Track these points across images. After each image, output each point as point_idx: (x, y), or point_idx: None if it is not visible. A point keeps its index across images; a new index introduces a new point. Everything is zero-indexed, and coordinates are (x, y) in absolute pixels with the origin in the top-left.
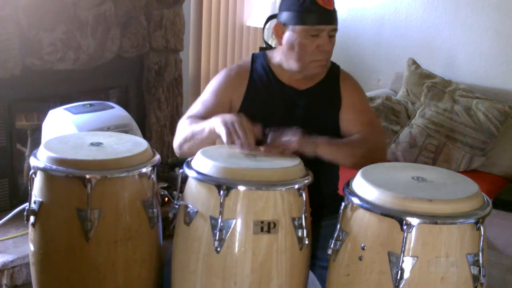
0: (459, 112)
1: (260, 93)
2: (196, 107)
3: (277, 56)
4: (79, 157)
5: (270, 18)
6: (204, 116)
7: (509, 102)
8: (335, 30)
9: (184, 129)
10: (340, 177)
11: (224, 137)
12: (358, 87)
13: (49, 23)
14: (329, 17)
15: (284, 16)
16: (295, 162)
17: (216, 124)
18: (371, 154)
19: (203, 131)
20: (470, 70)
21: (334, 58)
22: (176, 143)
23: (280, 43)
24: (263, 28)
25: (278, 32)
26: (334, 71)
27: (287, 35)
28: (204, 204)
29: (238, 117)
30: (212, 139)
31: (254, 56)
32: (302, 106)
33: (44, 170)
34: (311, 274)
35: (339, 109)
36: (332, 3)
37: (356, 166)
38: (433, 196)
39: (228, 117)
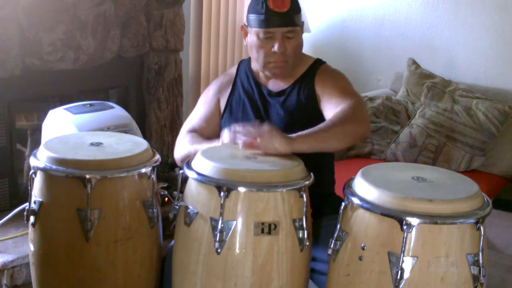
0: (459, 112)
1: (241, 97)
2: (193, 119)
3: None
4: (79, 157)
5: None
6: (201, 127)
7: (509, 102)
8: (293, 31)
9: (186, 145)
10: (338, 177)
11: (226, 137)
12: (334, 73)
13: (49, 23)
14: (280, 20)
15: (246, 17)
16: (296, 163)
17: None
18: (351, 128)
19: None
20: (470, 70)
21: (334, 58)
22: (178, 156)
23: (246, 43)
24: None
25: (244, 32)
26: (313, 68)
27: (248, 36)
28: (205, 205)
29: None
30: None
31: (240, 63)
32: (277, 108)
33: (44, 170)
34: (310, 282)
35: (318, 103)
36: (286, 5)
37: (342, 146)
38: (433, 196)
39: (231, 127)
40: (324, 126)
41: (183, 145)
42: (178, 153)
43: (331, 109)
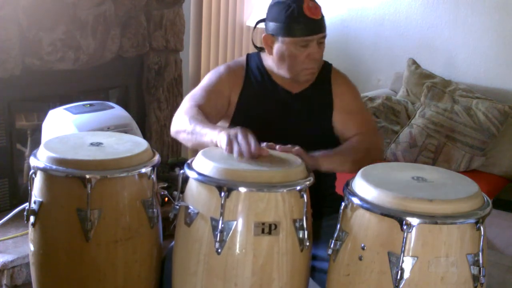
0: (459, 112)
1: (255, 92)
2: (198, 92)
3: (269, 60)
4: (79, 157)
5: (260, 21)
6: (208, 100)
7: (509, 102)
8: (324, 37)
9: (186, 120)
10: (339, 177)
11: (223, 145)
12: (350, 86)
13: (49, 23)
14: (317, 26)
15: (272, 27)
16: (297, 163)
17: (220, 136)
18: (368, 156)
19: (204, 135)
20: (470, 70)
21: (334, 58)
22: (174, 128)
23: (270, 53)
24: (254, 30)
25: (268, 42)
26: (325, 71)
27: (277, 46)
28: (205, 205)
29: (243, 129)
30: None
31: (248, 57)
32: (296, 109)
33: (44, 170)
34: (311, 281)
35: (332, 111)
36: (319, 12)
37: (355, 170)
38: (433, 196)
39: (233, 130)
40: (348, 149)
41: (182, 118)
42: (175, 124)
43: (347, 128)
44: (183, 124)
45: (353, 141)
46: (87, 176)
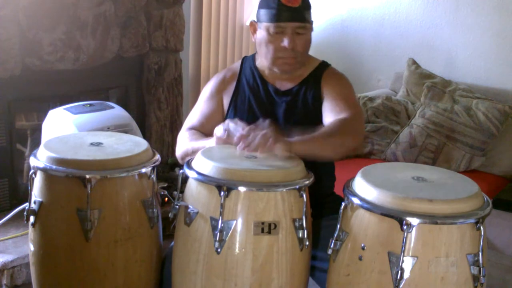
0: (459, 112)
1: (246, 93)
2: (193, 116)
3: (260, 58)
4: (79, 157)
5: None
6: (202, 124)
7: (509, 102)
8: (304, 27)
9: (185, 142)
10: (338, 177)
11: (219, 133)
12: (341, 80)
13: (49, 23)
14: (292, 14)
15: (257, 13)
16: (296, 163)
17: (218, 131)
18: (347, 141)
19: (203, 147)
20: (470, 70)
21: (334, 58)
22: (177, 154)
23: (254, 39)
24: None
25: (253, 28)
26: (319, 69)
27: (258, 32)
28: (205, 205)
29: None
30: None
31: (243, 59)
32: (284, 106)
33: (44, 170)
34: (311, 280)
35: (321, 104)
36: (298, 0)
37: (335, 157)
38: (433, 196)
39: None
40: (322, 133)
41: (181, 143)
42: (178, 150)
43: (330, 114)
44: (182, 148)
45: (330, 125)
46: (87, 176)
